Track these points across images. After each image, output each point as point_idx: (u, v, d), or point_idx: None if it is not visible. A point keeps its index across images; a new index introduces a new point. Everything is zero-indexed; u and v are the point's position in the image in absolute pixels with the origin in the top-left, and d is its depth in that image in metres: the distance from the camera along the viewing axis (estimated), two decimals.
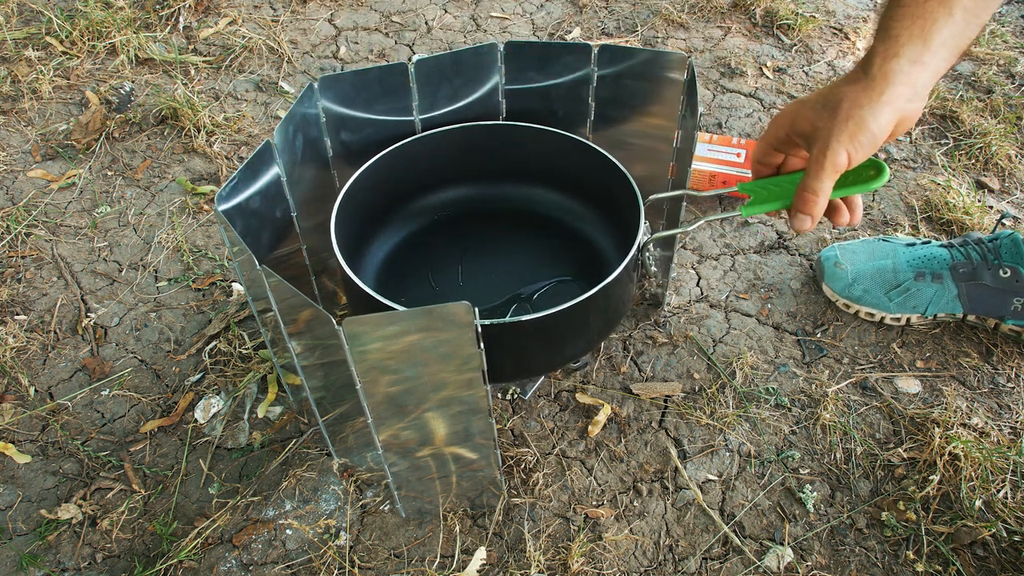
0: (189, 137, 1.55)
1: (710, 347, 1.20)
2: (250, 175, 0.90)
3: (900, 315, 1.20)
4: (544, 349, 0.98)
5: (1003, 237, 1.17)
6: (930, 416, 1.09)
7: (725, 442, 1.09)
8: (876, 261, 1.22)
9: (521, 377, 1.13)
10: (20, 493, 1.05)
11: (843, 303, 1.23)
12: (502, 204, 1.24)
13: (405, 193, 1.19)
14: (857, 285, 1.20)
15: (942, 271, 1.17)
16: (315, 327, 0.79)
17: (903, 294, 1.17)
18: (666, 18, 1.90)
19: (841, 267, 1.22)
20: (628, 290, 1.03)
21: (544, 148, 1.15)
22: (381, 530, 1.00)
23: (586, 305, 0.91)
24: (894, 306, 1.19)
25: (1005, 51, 1.80)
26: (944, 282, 1.17)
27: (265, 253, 0.97)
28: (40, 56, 1.74)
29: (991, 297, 1.16)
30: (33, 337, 1.23)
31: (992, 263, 1.15)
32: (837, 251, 1.25)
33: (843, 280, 1.21)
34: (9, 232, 1.38)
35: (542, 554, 0.97)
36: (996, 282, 1.15)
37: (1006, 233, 1.17)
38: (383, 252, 1.19)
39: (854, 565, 0.97)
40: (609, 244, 1.18)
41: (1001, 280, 1.14)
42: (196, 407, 1.13)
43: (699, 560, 0.97)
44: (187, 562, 0.96)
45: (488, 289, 1.14)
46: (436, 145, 1.14)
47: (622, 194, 1.05)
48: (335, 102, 1.04)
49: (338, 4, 1.94)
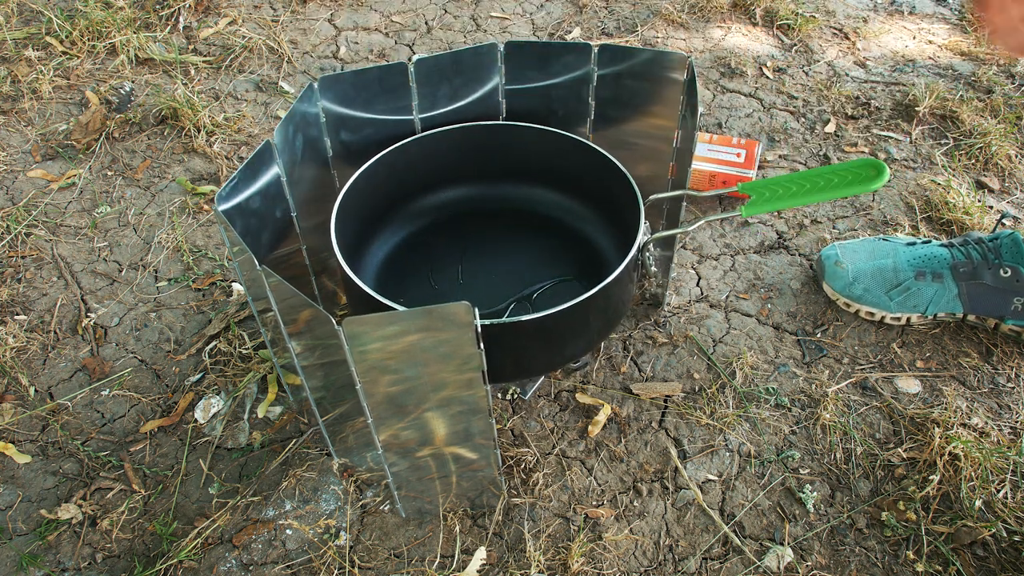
0: (189, 137, 1.55)
1: (710, 347, 1.20)
2: (250, 175, 0.90)
3: (900, 314, 1.20)
4: (544, 349, 0.98)
5: (1003, 237, 1.17)
6: (930, 416, 1.09)
7: (725, 442, 1.09)
8: (877, 260, 1.22)
9: (521, 377, 1.13)
10: (20, 493, 1.05)
11: (843, 302, 1.23)
12: (502, 204, 1.24)
13: (405, 193, 1.19)
14: (857, 284, 1.20)
15: (943, 270, 1.17)
16: (315, 327, 0.79)
17: (903, 293, 1.17)
18: (666, 18, 1.90)
19: (842, 266, 1.22)
20: (628, 290, 1.03)
21: (544, 148, 1.15)
22: (381, 530, 1.00)
23: (586, 305, 0.91)
24: (894, 305, 1.19)
25: (1005, 51, 1.80)
26: (944, 281, 1.17)
27: (265, 253, 0.97)
28: (40, 56, 1.74)
29: (991, 296, 1.16)
30: (33, 337, 1.23)
31: (993, 262, 1.15)
32: (838, 250, 1.25)
33: (843, 279, 1.21)
34: (9, 232, 1.38)
35: (542, 554, 0.97)
36: (997, 281, 1.15)
37: (1006, 233, 1.17)
38: (383, 252, 1.19)
39: (854, 565, 0.97)
40: (609, 244, 1.18)
41: (1002, 280, 1.14)
42: (196, 407, 1.13)
43: (699, 560, 0.97)
44: (187, 562, 0.96)
45: (488, 289, 1.14)
46: (436, 145, 1.14)
47: (622, 194, 1.05)
48: (335, 102, 1.04)
49: (338, 4, 1.94)
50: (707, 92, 1.70)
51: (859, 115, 1.64)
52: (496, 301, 1.12)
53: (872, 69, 1.76)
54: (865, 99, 1.67)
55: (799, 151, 1.55)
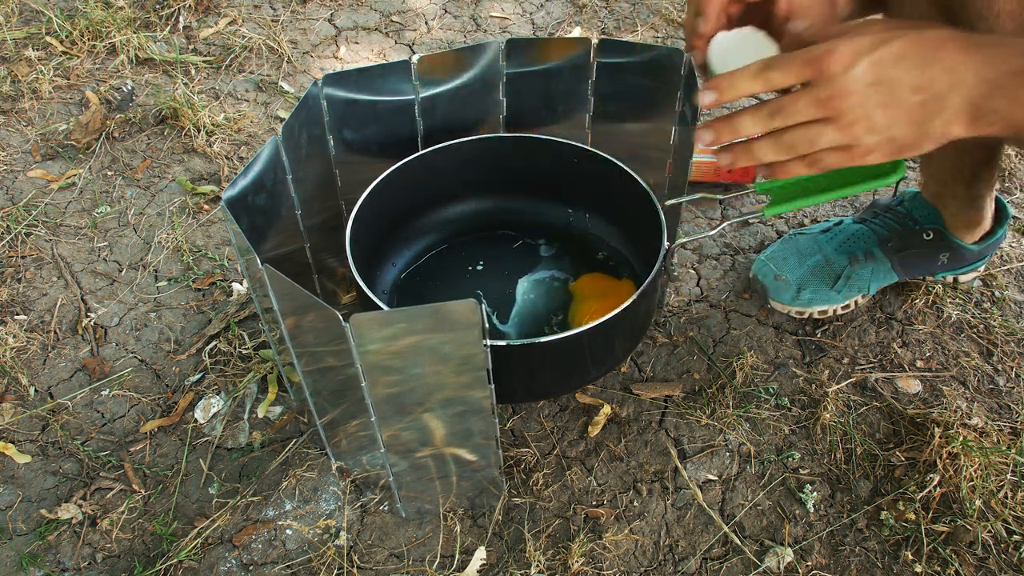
0: (189, 137, 1.55)
1: (710, 347, 1.21)
2: (256, 172, 0.90)
3: (848, 301, 1.21)
4: (578, 365, 0.98)
5: (907, 198, 1.21)
6: (930, 416, 1.09)
7: (725, 442, 1.09)
8: (808, 260, 1.22)
9: (546, 397, 1.12)
10: (20, 493, 1.05)
11: (795, 312, 1.22)
12: (520, 217, 1.24)
13: (415, 209, 1.19)
14: (804, 291, 1.20)
15: (872, 248, 1.20)
16: (320, 325, 0.78)
17: (845, 282, 1.19)
18: (666, 18, 1.90)
19: (782, 279, 1.21)
20: (654, 299, 1.05)
21: (558, 159, 1.14)
22: (381, 530, 1.00)
23: (620, 317, 0.91)
24: (840, 297, 1.20)
25: None
26: (877, 258, 1.20)
27: (269, 251, 0.97)
28: (40, 56, 1.73)
29: (921, 260, 1.21)
30: (33, 337, 1.23)
31: (915, 229, 1.19)
32: (769, 264, 1.24)
33: (789, 291, 1.20)
34: (9, 232, 1.38)
35: (542, 554, 0.97)
36: (923, 246, 1.19)
37: (909, 192, 1.21)
38: (396, 270, 1.19)
39: (854, 565, 0.97)
40: (630, 253, 1.19)
41: (927, 243, 1.19)
42: (196, 407, 1.13)
43: (699, 560, 0.97)
44: (187, 562, 0.96)
45: (507, 305, 1.14)
46: (444, 159, 1.13)
47: (638, 203, 1.05)
48: (338, 100, 1.04)
49: (338, 4, 1.94)
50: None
51: None
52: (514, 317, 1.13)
53: None
54: None
55: None
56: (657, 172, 1.16)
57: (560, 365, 0.97)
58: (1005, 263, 1.33)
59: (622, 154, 1.10)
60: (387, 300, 1.15)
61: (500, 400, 0.85)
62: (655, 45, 1.06)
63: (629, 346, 1.05)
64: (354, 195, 1.06)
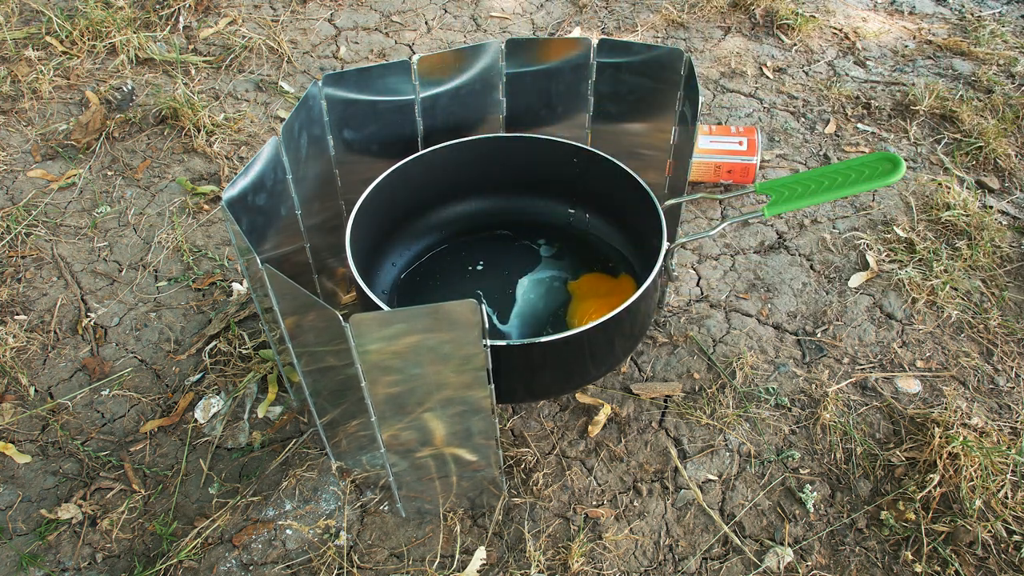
0: (189, 137, 1.55)
1: (710, 347, 1.20)
2: (256, 172, 0.90)
3: None
4: (578, 365, 0.98)
5: None
6: (930, 416, 1.09)
7: (725, 442, 1.09)
8: None
9: (547, 397, 1.12)
10: (20, 493, 1.05)
11: None
12: (520, 217, 1.24)
13: (415, 209, 1.19)
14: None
15: None
16: (320, 324, 0.78)
17: None
18: (666, 18, 1.90)
19: None
20: (654, 299, 1.05)
21: (558, 159, 1.15)
22: (381, 530, 1.00)
23: (620, 317, 0.91)
24: None
25: (1005, 51, 1.80)
26: None
27: (269, 251, 0.97)
28: (40, 56, 1.73)
29: None
30: (33, 337, 1.23)
31: None
32: None
33: None
34: (9, 232, 1.38)
35: (542, 554, 0.97)
36: None
37: None
38: (396, 270, 1.19)
39: (854, 565, 0.97)
40: (630, 253, 1.18)
41: None
42: (196, 407, 1.13)
43: (699, 560, 0.97)
44: (187, 562, 0.96)
45: (507, 306, 1.14)
46: (444, 159, 1.14)
47: (638, 203, 1.05)
48: (338, 100, 1.04)
49: (338, 4, 1.94)
50: (707, 92, 1.70)
51: (859, 115, 1.64)
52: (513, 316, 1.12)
53: (872, 69, 1.77)
54: (865, 99, 1.67)
55: (799, 151, 1.55)
56: (657, 172, 1.16)
57: (560, 365, 0.97)
58: (1005, 263, 1.33)
59: (622, 154, 1.10)
60: (387, 300, 1.15)
61: (500, 400, 0.85)
62: (655, 45, 1.06)
63: (629, 346, 1.05)
64: (354, 195, 1.06)
